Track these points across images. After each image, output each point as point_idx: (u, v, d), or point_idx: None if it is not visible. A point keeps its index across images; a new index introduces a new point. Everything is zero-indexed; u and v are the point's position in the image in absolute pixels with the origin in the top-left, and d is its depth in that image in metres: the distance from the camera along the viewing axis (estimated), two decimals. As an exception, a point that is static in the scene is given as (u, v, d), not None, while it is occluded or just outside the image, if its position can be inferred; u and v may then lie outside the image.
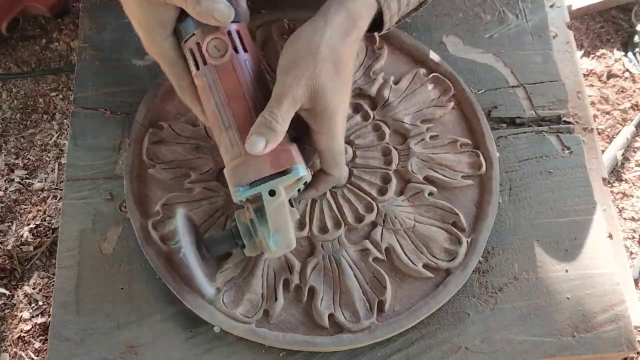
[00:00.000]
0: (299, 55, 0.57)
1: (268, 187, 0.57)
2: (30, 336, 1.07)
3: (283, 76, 0.57)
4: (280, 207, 0.57)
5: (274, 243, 0.58)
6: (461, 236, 0.73)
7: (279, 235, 0.58)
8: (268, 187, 0.57)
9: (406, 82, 0.81)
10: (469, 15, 0.88)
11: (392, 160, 0.77)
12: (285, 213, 0.58)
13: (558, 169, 0.78)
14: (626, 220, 1.20)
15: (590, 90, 1.32)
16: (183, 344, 0.68)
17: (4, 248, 1.14)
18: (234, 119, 0.58)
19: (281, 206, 0.57)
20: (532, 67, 0.84)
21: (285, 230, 0.58)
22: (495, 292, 0.72)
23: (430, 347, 0.69)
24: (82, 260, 0.72)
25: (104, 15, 0.86)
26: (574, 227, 0.75)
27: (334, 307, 0.69)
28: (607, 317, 0.70)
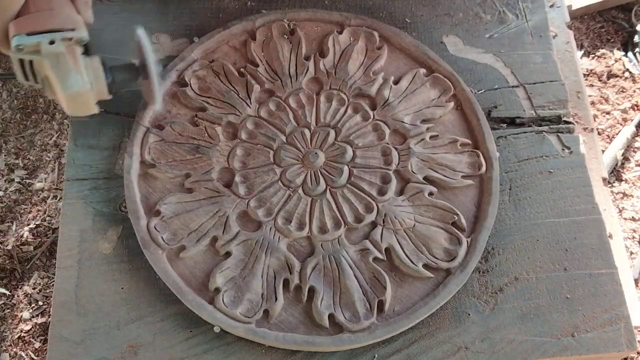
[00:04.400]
0: None
1: (42, 38, 0.63)
2: (30, 336, 1.07)
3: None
4: (59, 56, 0.64)
5: (61, 90, 0.65)
6: (461, 236, 0.73)
7: (62, 84, 0.65)
8: (42, 38, 0.63)
9: (406, 82, 0.82)
10: (469, 15, 0.88)
11: (392, 160, 0.77)
12: (65, 62, 0.64)
13: (558, 169, 0.78)
14: (626, 220, 1.20)
15: (590, 90, 1.32)
16: (183, 343, 0.69)
17: (4, 248, 1.14)
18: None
19: (61, 55, 0.64)
20: (532, 67, 0.84)
21: (65, 74, 0.65)
22: (495, 292, 0.72)
23: (430, 347, 0.69)
24: (82, 260, 0.72)
25: (104, 16, 0.86)
26: (574, 227, 0.75)
27: (334, 307, 0.69)
28: (607, 317, 0.70)
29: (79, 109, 0.69)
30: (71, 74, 0.65)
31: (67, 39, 0.64)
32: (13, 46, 0.64)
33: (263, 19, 0.84)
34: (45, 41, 0.63)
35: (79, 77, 0.65)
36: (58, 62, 0.64)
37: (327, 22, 0.85)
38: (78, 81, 0.65)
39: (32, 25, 0.64)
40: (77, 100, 0.67)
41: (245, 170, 0.76)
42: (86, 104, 0.68)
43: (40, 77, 0.67)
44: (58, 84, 0.65)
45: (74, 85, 0.65)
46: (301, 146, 0.77)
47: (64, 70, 0.65)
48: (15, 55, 0.65)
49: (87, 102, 0.68)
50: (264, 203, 0.74)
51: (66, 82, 0.65)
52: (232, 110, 0.79)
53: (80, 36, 0.65)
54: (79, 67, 0.65)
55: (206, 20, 0.86)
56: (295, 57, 0.82)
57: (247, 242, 0.72)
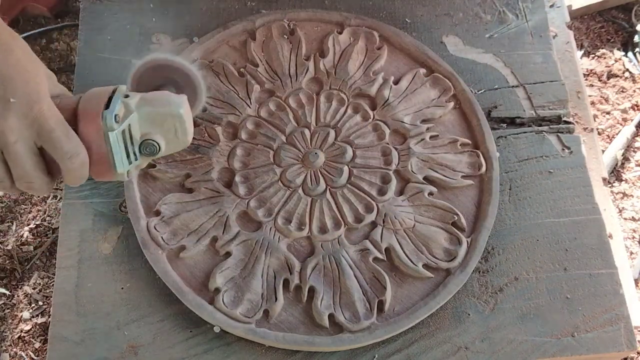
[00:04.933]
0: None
1: (120, 96, 0.59)
2: (30, 336, 1.07)
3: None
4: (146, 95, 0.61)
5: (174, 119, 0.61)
6: (461, 236, 0.73)
7: (171, 111, 0.61)
8: (120, 96, 0.59)
9: (406, 82, 0.82)
10: (469, 15, 0.88)
11: (392, 160, 0.77)
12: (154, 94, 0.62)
13: (558, 169, 0.78)
14: (626, 220, 1.20)
15: (590, 90, 1.32)
16: (183, 343, 0.68)
17: (4, 248, 1.14)
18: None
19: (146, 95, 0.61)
20: (532, 67, 0.84)
21: (167, 98, 0.61)
22: (495, 292, 0.72)
23: (430, 347, 0.69)
24: (82, 260, 0.72)
25: (104, 15, 0.86)
26: (574, 227, 0.75)
27: (334, 307, 0.69)
28: (607, 317, 0.70)
29: (191, 122, 0.63)
30: (168, 95, 0.62)
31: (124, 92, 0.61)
32: (111, 122, 0.57)
33: (263, 19, 0.84)
34: (123, 97, 0.59)
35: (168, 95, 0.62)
36: (150, 99, 0.61)
37: (327, 22, 0.85)
38: (178, 96, 0.62)
39: (97, 104, 0.58)
40: (188, 113, 0.63)
41: (245, 170, 0.76)
42: (190, 114, 0.64)
43: (137, 145, 0.62)
44: (169, 111, 0.60)
45: (180, 100, 0.61)
46: (301, 146, 0.77)
47: (162, 99, 0.61)
48: (119, 129, 0.58)
49: (190, 111, 0.64)
50: (264, 203, 0.74)
51: (173, 103, 0.61)
52: (232, 110, 0.79)
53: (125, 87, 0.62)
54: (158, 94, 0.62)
55: (206, 20, 0.86)
56: (295, 57, 0.82)
57: (247, 242, 0.72)
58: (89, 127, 0.58)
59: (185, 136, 0.63)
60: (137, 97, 0.60)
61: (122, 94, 0.60)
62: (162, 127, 0.61)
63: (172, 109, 0.61)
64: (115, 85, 0.61)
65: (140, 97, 0.60)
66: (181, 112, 0.61)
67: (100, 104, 0.59)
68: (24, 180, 0.58)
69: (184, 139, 0.63)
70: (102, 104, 0.59)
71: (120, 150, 0.60)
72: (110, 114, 0.58)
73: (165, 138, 0.62)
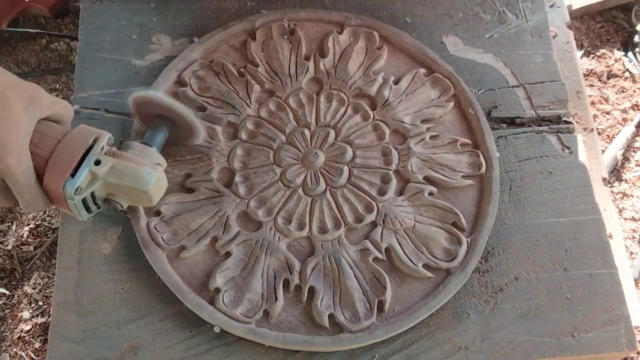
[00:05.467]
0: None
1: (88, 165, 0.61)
2: (30, 336, 1.07)
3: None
4: (115, 166, 0.62)
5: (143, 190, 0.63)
6: (461, 236, 0.73)
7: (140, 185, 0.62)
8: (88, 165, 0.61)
9: (406, 82, 0.82)
10: (469, 15, 0.88)
11: (392, 160, 0.77)
12: (124, 166, 0.62)
13: (558, 169, 0.78)
14: (626, 220, 1.20)
15: (590, 90, 1.32)
16: (183, 343, 0.68)
17: (4, 248, 1.14)
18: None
19: (116, 164, 0.62)
20: (532, 67, 0.84)
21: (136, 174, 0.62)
22: (495, 292, 0.72)
23: (430, 347, 0.69)
24: (82, 260, 0.72)
25: (104, 15, 0.86)
26: (574, 227, 0.75)
27: (334, 307, 0.69)
28: (607, 317, 0.70)
29: (162, 190, 0.67)
30: (138, 170, 0.63)
31: (101, 149, 0.62)
32: (71, 193, 0.60)
33: (263, 19, 0.84)
34: (92, 166, 0.61)
35: (147, 168, 0.63)
36: (120, 171, 0.62)
37: (327, 22, 0.85)
38: (150, 171, 0.63)
39: (66, 165, 0.60)
40: (159, 185, 0.65)
41: (245, 170, 0.76)
42: (164, 181, 0.67)
43: (101, 200, 0.65)
44: (135, 187, 0.62)
45: (150, 177, 0.63)
46: (301, 146, 0.77)
47: (131, 173, 0.62)
48: (78, 199, 0.61)
49: (164, 180, 0.67)
50: (264, 203, 0.74)
51: (143, 180, 0.62)
52: (232, 110, 0.79)
53: (107, 139, 0.63)
54: (138, 160, 0.63)
55: (206, 20, 0.86)
56: (295, 57, 0.82)
57: (247, 242, 0.72)
58: (52, 184, 0.61)
59: (151, 202, 0.66)
60: (109, 164, 0.62)
61: (94, 156, 0.61)
62: (127, 195, 0.65)
63: (140, 185, 0.63)
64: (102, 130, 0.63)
65: (111, 165, 0.62)
66: (149, 188, 0.63)
67: (69, 166, 0.60)
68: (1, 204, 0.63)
69: (149, 204, 0.66)
70: (70, 169, 0.60)
71: (80, 209, 0.63)
72: (72, 186, 0.60)
73: (130, 201, 0.66)
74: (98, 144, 0.62)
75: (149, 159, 0.65)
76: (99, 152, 0.62)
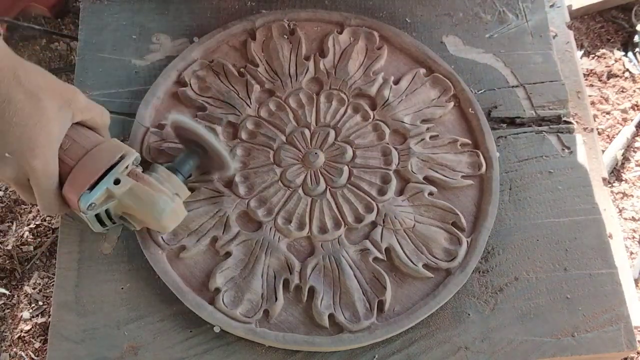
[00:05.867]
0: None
1: (107, 183, 0.61)
2: (30, 336, 1.07)
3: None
4: (134, 188, 0.62)
5: (156, 218, 0.63)
6: (461, 236, 0.73)
7: (153, 212, 0.62)
8: (107, 183, 0.61)
9: (406, 82, 0.82)
10: (469, 15, 0.88)
11: (392, 160, 0.77)
12: (143, 190, 0.62)
13: (558, 169, 0.78)
14: (626, 220, 1.20)
15: (590, 90, 1.32)
16: (183, 343, 0.68)
17: (4, 248, 1.13)
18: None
19: (135, 187, 0.62)
20: (532, 67, 0.84)
21: (152, 201, 0.62)
22: (495, 292, 0.72)
23: (430, 347, 0.69)
24: (82, 260, 0.72)
25: (104, 15, 0.86)
26: (574, 227, 0.75)
27: (334, 307, 0.69)
28: (607, 317, 0.70)
29: (177, 220, 0.66)
30: (155, 198, 0.62)
31: (125, 168, 0.62)
32: (84, 208, 0.61)
33: (263, 19, 0.84)
34: (111, 184, 0.61)
35: (164, 197, 0.63)
36: (137, 195, 0.62)
37: (327, 22, 0.85)
38: (167, 201, 0.63)
39: (86, 180, 0.60)
40: (174, 215, 0.64)
41: (246, 170, 0.76)
42: (181, 211, 0.66)
43: (117, 217, 0.65)
44: (150, 214, 0.62)
45: (166, 207, 0.62)
46: (301, 146, 0.77)
47: (148, 199, 0.62)
48: (91, 214, 0.62)
49: (182, 209, 0.66)
50: (264, 203, 0.74)
51: (158, 207, 0.62)
52: (232, 110, 0.79)
53: (133, 158, 0.63)
54: (158, 187, 0.63)
55: (206, 20, 0.86)
56: (295, 57, 0.82)
57: (247, 242, 0.72)
58: (70, 194, 0.62)
59: (164, 230, 0.66)
60: (127, 185, 0.62)
61: (116, 175, 0.61)
62: (141, 218, 0.64)
63: (154, 213, 0.63)
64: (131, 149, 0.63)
65: (130, 187, 0.62)
66: (161, 218, 0.63)
67: (88, 180, 0.61)
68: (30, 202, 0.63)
69: (162, 231, 0.67)
70: (88, 183, 0.60)
71: (92, 222, 0.64)
72: (85, 201, 0.60)
73: (143, 224, 0.66)
74: (122, 162, 0.62)
75: (170, 187, 0.65)
76: (121, 172, 0.62)
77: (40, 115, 0.57)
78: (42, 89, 0.58)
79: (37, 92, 0.57)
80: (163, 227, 0.64)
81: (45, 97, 0.57)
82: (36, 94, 0.57)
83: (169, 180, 0.66)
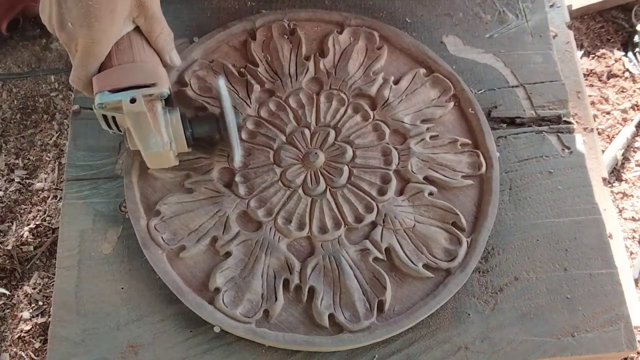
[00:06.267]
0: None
1: (123, 96, 0.62)
2: (30, 336, 1.07)
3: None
4: (140, 115, 0.63)
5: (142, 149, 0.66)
6: (461, 236, 0.73)
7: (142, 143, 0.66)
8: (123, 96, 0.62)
9: (406, 82, 0.82)
10: (469, 15, 0.88)
11: (392, 160, 0.77)
12: (146, 121, 0.64)
13: (558, 169, 0.78)
14: (626, 220, 1.20)
15: (590, 90, 1.32)
16: (183, 343, 0.69)
17: (4, 248, 1.14)
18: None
19: (142, 115, 0.63)
20: (532, 67, 0.84)
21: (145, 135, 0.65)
22: (495, 292, 0.72)
23: (430, 347, 0.69)
24: (82, 260, 0.72)
25: (104, 15, 0.86)
26: (574, 227, 0.75)
27: (334, 307, 0.69)
28: (607, 317, 0.70)
29: (159, 164, 0.70)
30: (151, 134, 0.65)
31: (148, 95, 0.63)
32: (96, 104, 0.63)
33: (263, 19, 0.84)
34: (127, 99, 0.62)
35: (158, 138, 0.65)
36: (139, 121, 0.64)
37: (327, 22, 0.85)
38: (158, 142, 0.66)
39: (114, 82, 0.63)
40: (158, 158, 0.68)
41: (246, 170, 0.76)
42: (166, 160, 0.69)
43: (123, 128, 0.67)
44: (139, 142, 0.66)
45: (153, 147, 0.66)
46: (301, 146, 0.77)
47: (145, 130, 0.65)
48: (99, 112, 0.65)
49: (168, 158, 0.69)
50: (264, 203, 0.74)
51: (146, 142, 0.65)
52: (232, 110, 0.79)
53: (160, 91, 0.64)
54: (159, 128, 0.65)
55: (206, 20, 0.86)
56: (295, 57, 0.82)
57: (247, 242, 0.72)
58: (95, 84, 0.64)
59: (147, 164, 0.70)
60: (138, 109, 0.63)
61: (136, 94, 0.63)
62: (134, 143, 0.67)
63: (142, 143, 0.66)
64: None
65: (138, 112, 0.63)
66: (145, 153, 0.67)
67: (114, 84, 0.63)
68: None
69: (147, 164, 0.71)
70: (112, 86, 0.63)
71: (100, 120, 0.67)
72: (100, 99, 0.63)
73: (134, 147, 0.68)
74: (149, 89, 0.64)
75: (170, 134, 0.67)
76: (142, 96, 0.63)
77: (115, 4, 0.61)
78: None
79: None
80: (147, 161, 0.69)
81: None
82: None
83: (175, 130, 0.68)
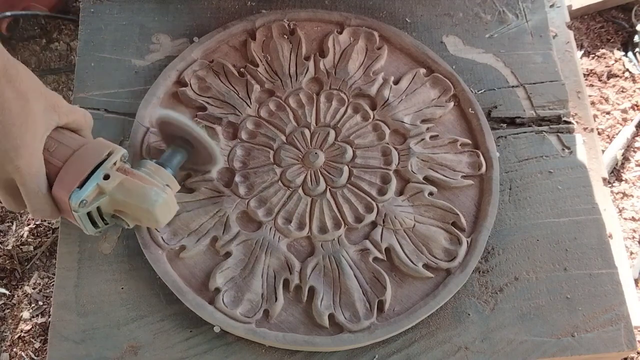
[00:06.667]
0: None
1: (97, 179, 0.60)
2: (30, 336, 1.07)
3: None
4: (124, 182, 0.61)
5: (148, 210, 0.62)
6: (461, 236, 0.73)
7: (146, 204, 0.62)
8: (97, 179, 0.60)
9: (406, 82, 0.82)
10: (469, 15, 0.88)
11: (392, 160, 0.77)
12: (133, 183, 0.62)
13: (558, 169, 0.78)
14: (626, 220, 1.20)
15: (590, 90, 1.32)
16: (183, 343, 0.69)
17: (4, 248, 1.13)
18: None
19: (125, 181, 0.61)
20: (532, 67, 0.84)
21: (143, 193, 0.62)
22: (495, 292, 0.72)
23: (430, 347, 0.69)
24: (82, 260, 0.72)
25: (104, 15, 0.86)
26: (574, 227, 0.75)
27: (334, 307, 0.69)
28: (607, 317, 0.70)
29: (171, 212, 0.65)
30: (146, 189, 0.62)
31: (113, 164, 0.62)
32: (75, 205, 0.60)
33: (263, 19, 0.84)
34: (100, 179, 0.60)
35: (155, 188, 0.62)
36: (127, 188, 0.61)
37: (327, 22, 0.85)
38: (158, 192, 0.62)
39: (76, 176, 0.60)
40: (167, 207, 0.64)
41: (246, 170, 0.76)
42: (173, 204, 0.65)
43: (109, 216, 0.64)
44: (141, 206, 0.62)
45: (156, 197, 0.62)
46: (301, 146, 0.77)
47: (138, 191, 0.61)
48: (83, 212, 0.61)
49: (174, 202, 0.65)
50: (264, 203, 0.74)
51: (149, 200, 0.61)
52: (232, 110, 0.79)
53: (121, 154, 0.63)
54: (148, 180, 0.63)
55: (206, 20, 0.86)
56: (295, 57, 0.82)
57: (247, 242, 0.72)
58: (60, 193, 0.61)
59: (157, 224, 0.65)
60: (117, 180, 0.61)
61: (105, 170, 0.61)
62: (134, 214, 0.64)
63: (146, 205, 0.62)
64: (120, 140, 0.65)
65: (119, 181, 0.61)
66: (154, 209, 0.62)
67: (78, 177, 0.60)
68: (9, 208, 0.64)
69: (155, 225, 0.66)
70: (78, 180, 0.60)
71: (85, 222, 0.63)
72: (76, 199, 0.60)
73: (136, 220, 0.65)
74: (110, 158, 0.62)
75: (160, 180, 0.64)
76: (110, 167, 0.61)
77: (27, 116, 0.57)
78: (31, 90, 0.58)
79: (26, 92, 0.57)
80: (156, 220, 0.63)
81: (33, 98, 0.58)
82: (25, 94, 0.57)
83: (158, 174, 0.65)
